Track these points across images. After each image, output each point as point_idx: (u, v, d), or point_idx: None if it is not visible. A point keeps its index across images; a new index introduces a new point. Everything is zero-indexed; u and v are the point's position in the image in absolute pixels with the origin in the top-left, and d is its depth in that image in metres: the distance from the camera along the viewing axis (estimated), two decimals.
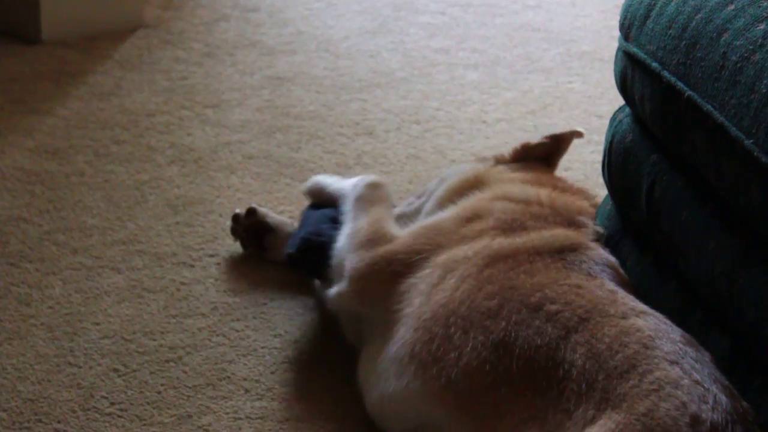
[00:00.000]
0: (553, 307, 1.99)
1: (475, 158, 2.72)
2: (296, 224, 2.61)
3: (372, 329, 2.22)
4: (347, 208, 2.41)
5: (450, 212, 2.32)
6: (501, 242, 2.16)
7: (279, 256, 2.61)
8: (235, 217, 2.69)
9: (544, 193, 2.30)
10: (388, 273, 2.20)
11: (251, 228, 2.67)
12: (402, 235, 2.29)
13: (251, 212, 2.67)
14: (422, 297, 2.12)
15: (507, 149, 2.54)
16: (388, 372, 2.10)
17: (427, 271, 2.17)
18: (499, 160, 2.51)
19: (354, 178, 2.54)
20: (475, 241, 2.18)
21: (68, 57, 3.63)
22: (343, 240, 2.33)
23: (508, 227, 2.20)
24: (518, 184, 2.34)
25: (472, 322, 2.02)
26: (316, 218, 2.51)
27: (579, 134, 2.52)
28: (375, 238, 2.28)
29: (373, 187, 2.45)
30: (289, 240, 2.54)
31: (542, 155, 2.50)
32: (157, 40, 3.81)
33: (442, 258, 2.17)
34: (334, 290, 2.28)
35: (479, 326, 2.01)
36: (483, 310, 2.03)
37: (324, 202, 2.57)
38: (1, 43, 3.69)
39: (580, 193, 2.39)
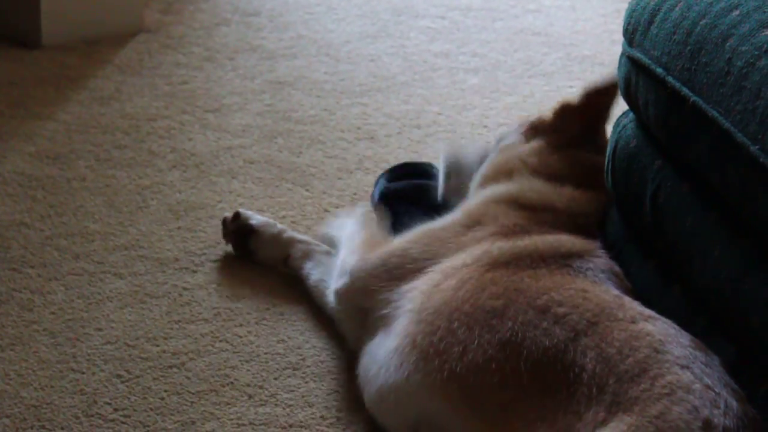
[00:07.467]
0: (561, 310, 1.99)
1: (519, 120, 2.69)
2: (279, 226, 2.69)
3: (374, 323, 2.24)
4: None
5: (452, 217, 2.36)
6: (501, 246, 2.18)
7: (266, 258, 2.64)
8: (224, 221, 2.70)
9: (563, 196, 2.32)
10: (383, 272, 2.28)
11: (236, 231, 2.67)
12: (400, 239, 2.36)
13: (236, 216, 2.69)
14: (424, 296, 2.15)
15: (547, 111, 2.56)
16: (388, 364, 2.11)
17: (429, 275, 2.20)
18: (537, 128, 2.53)
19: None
20: (474, 248, 2.20)
21: (69, 61, 3.63)
22: (344, 247, 2.46)
23: (510, 231, 2.22)
24: (537, 183, 2.37)
25: (477, 319, 2.03)
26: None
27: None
28: (372, 241, 2.41)
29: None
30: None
31: (583, 123, 2.49)
32: (158, 45, 3.80)
33: (441, 266, 2.21)
34: (336, 286, 2.38)
35: (484, 324, 2.02)
36: (488, 308, 2.04)
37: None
38: (1, 48, 3.68)
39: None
